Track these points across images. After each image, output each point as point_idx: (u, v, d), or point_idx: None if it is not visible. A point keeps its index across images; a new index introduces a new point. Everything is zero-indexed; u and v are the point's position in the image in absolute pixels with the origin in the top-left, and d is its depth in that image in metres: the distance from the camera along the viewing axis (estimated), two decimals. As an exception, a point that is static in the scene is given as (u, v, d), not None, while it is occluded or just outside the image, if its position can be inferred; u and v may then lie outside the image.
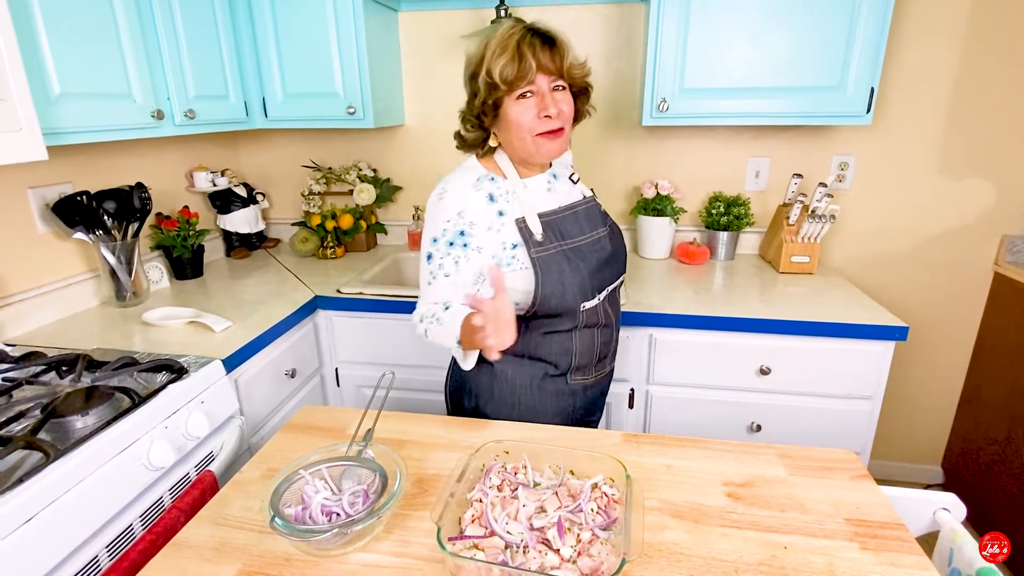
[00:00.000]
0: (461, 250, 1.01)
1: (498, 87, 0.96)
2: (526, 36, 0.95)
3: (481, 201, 1.02)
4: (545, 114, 0.97)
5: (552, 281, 1.01)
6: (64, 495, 0.86)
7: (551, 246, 1.03)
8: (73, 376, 1.11)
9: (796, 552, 0.73)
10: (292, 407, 1.56)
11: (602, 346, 1.13)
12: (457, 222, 1.01)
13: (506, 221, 1.02)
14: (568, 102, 1.00)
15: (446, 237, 1.01)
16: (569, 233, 1.06)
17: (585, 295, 1.04)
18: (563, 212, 1.07)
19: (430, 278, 1.03)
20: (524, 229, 1.02)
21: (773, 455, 0.94)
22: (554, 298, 1.02)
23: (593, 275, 1.05)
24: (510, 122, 0.99)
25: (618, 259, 1.12)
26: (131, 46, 1.33)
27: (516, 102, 0.97)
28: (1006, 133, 1.79)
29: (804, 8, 1.51)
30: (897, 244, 1.95)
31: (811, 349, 1.46)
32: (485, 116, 1.01)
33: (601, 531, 0.72)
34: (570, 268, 1.02)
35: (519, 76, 0.94)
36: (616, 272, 1.12)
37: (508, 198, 1.04)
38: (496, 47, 0.95)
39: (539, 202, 1.06)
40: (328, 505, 0.76)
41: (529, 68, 0.94)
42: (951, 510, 0.87)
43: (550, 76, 0.97)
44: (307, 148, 2.20)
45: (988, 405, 1.92)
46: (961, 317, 1.98)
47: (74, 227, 1.45)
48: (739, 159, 1.96)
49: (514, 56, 0.93)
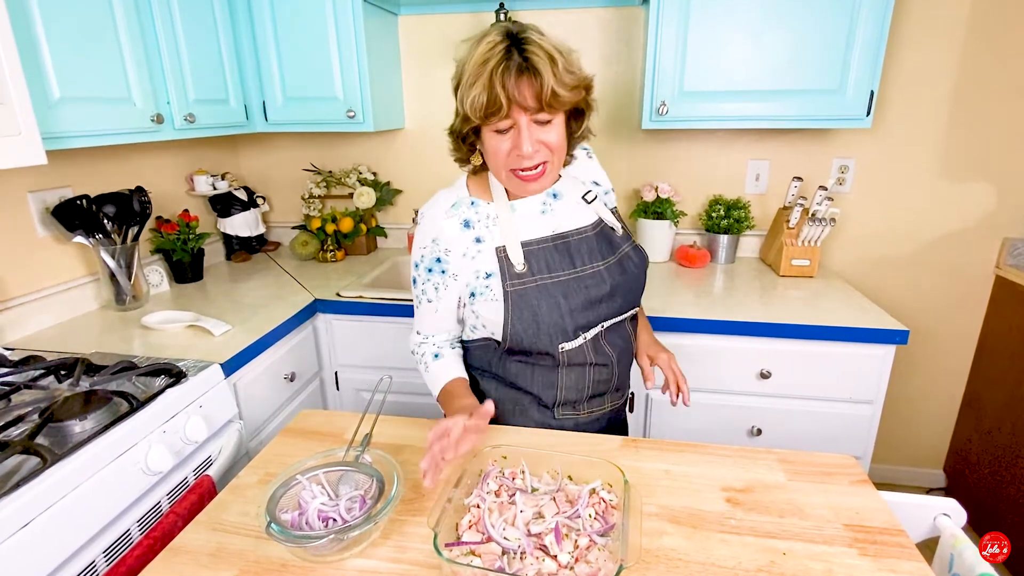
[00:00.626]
0: (440, 276, 0.99)
1: (470, 119, 0.87)
2: (502, 62, 0.82)
3: (455, 228, 0.97)
4: (518, 153, 0.87)
5: (524, 319, 0.94)
6: (61, 500, 0.85)
7: (530, 280, 0.94)
8: (72, 380, 1.11)
9: (795, 558, 0.73)
10: (291, 411, 1.56)
11: (597, 384, 1.03)
12: (433, 249, 0.98)
13: (484, 248, 0.96)
14: (555, 132, 0.88)
15: (424, 263, 1.00)
16: (556, 265, 0.96)
17: (564, 335, 0.95)
18: (554, 241, 0.97)
19: (416, 303, 1.06)
20: (503, 259, 0.95)
21: (772, 460, 0.93)
22: (526, 338, 0.95)
23: (576, 313, 0.95)
24: (487, 152, 0.91)
25: (620, 294, 0.99)
26: (131, 50, 1.33)
27: (492, 135, 0.88)
28: (1007, 135, 1.78)
29: (803, 11, 1.51)
30: (898, 247, 1.95)
31: (811, 353, 1.46)
32: (466, 138, 0.93)
33: (599, 537, 0.72)
34: (547, 305, 0.94)
35: (489, 112, 0.84)
36: (616, 308, 1.00)
37: (488, 223, 0.97)
38: (470, 73, 0.84)
39: (527, 228, 0.97)
40: (325, 511, 0.76)
41: (499, 105, 0.82)
42: (951, 515, 0.86)
43: (529, 111, 0.85)
44: (307, 151, 2.20)
45: (990, 408, 1.91)
46: (962, 320, 1.98)
47: (74, 231, 1.46)
48: (739, 162, 1.95)
49: (485, 88, 0.82)
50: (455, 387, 1.01)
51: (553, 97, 0.83)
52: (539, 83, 0.82)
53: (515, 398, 1.05)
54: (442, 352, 1.05)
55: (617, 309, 1.00)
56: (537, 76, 0.82)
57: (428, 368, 1.05)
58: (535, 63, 0.82)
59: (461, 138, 0.93)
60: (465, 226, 0.97)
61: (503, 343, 0.99)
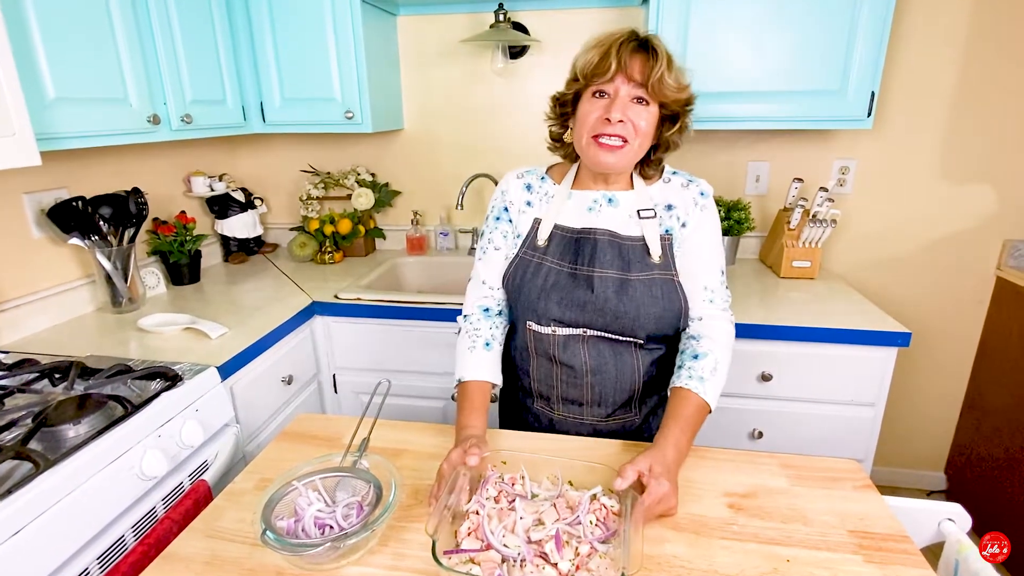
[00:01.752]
0: (507, 224, 1.07)
1: (577, 79, 0.93)
2: (624, 38, 0.89)
3: (519, 186, 1.07)
4: (607, 117, 0.90)
5: (515, 280, 1.03)
6: (54, 506, 0.84)
7: (539, 255, 1.02)
8: (66, 384, 1.09)
9: (799, 565, 0.72)
10: (289, 414, 1.55)
11: (566, 386, 1.04)
12: (501, 200, 1.08)
13: (528, 213, 1.05)
14: (646, 118, 0.91)
15: (493, 213, 1.09)
16: (562, 254, 1.01)
17: (534, 316, 1.01)
18: (577, 234, 1.00)
19: (481, 253, 1.09)
20: (534, 230, 1.03)
21: (775, 464, 0.92)
22: (511, 294, 1.05)
23: (551, 303, 0.98)
24: (578, 118, 0.95)
25: (611, 311, 0.96)
26: (127, 50, 1.32)
27: (589, 99, 0.93)
28: (1008, 137, 1.78)
29: (804, 12, 1.50)
30: (899, 249, 1.94)
31: (813, 355, 1.45)
32: (564, 108, 0.99)
33: (600, 544, 0.71)
34: (534, 281, 1.00)
35: (596, 72, 0.89)
36: (602, 324, 0.97)
37: (544, 198, 1.05)
38: (593, 41, 0.92)
39: (568, 216, 1.02)
40: (321, 517, 0.75)
41: (608, 66, 0.88)
42: (956, 520, 0.85)
43: (632, 83, 0.89)
44: (305, 152, 2.19)
45: (991, 410, 1.90)
46: (963, 322, 1.97)
47: (69, 232, 1.44)
48: (739, 163, 1.95)
49: (601, 51, 0.89)
50: (476, 394, 0.99)
51: (659, 81, 0.88)
52: (652, 63, 0.88)
53: (509, 371, 1.11)
54: (493, 344, 1.05)
55: (603, 325, 0.98)
56: (652, 56, 0.88)
57: (474, 349, 1.03)
58: (655, 45, 0.89)
59: (561, 103, 0.99)
60: (527, 189, 1.06)
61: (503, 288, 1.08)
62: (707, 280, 0.99)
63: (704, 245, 0.99)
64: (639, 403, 1.06)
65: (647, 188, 1.00)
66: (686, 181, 1.01)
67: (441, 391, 1.69)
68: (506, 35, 1.80)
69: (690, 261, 0.99)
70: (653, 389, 1.06)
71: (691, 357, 0.96)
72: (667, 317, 0.98)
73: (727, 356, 0.98)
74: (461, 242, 2.21)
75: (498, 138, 2.05)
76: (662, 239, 0.99)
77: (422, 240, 2.14)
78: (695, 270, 0.99)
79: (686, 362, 0.96)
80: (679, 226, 0.99)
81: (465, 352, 1.03)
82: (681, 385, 0.93)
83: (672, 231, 0.99)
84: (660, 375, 1.05)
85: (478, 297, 1.09)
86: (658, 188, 1.01)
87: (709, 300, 0.99)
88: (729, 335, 1.00)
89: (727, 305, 1.02)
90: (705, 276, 0.99)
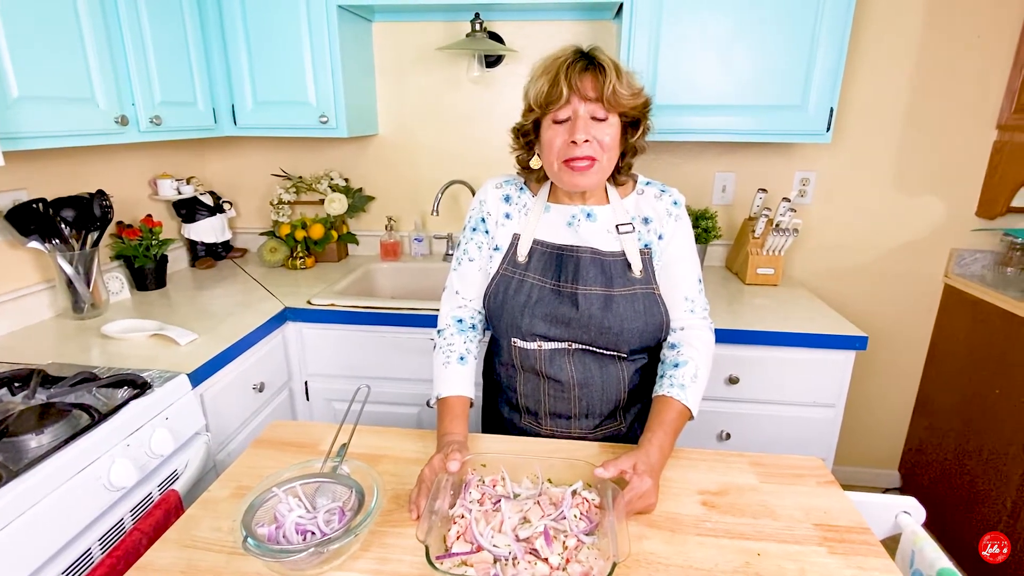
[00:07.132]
0: (483, 236, 1.07)
1: (533, 109, 0.94)
2: (569, 60, 0.90)
3: (497, 197, 1.07)
4: (572, 140, 0.91)
5: (498, 298, 1.03)
6: (16, 519, 0.81)
7: (520, 271, 1.02)
8: (27, 393, 1.05)
9: (769, 559, 0.75)
10: (260, 422, 1.52)
11: (554, 401, 1.05)
12: (479, 209, 1.08)
13: (507, 226, 1.05)
14: (609, 132, 0.92)
15: (471, 223, 1.08)
16: (544, 270, 1.01)
17: (518, 333, 1.02)
18: (559, 250, 1.01)
19: (456, 264, 1.10)
20: (513, 245, 1.04)
21: (744, 463, 0.96)
22: (492, 314, 1.05)
23: (536, 320, 0.99)
24: (543, 146, 0.95)
25: (595, 327, 0.97)
26: (95, 48, 1.29)
27: (550, 126, 0.93)
28: (953, 153, 1.89)
29: (769, 31, 1.57)
30: (855, 257, 2.04)
31: (777, 359, 1.51)
32: (527, 136, 0.99)
33: (586, 536, 0.73)
34: (516, 298, 1.01)
35: (550, 100, 0.90)
36: (588, 338, 0.99)
37: (522, 210, 1.05)
38: (540, 69, 0.93)
39: (546, 230, 1.03)
40: (303, 523, 0.74)
41: (560, 92, 0.89)
42: (912, 513, 0.90)
43: (588, 102, 0.90)
44: (277, 157, 2.16)
45: (940, 411, 2.01)
46: (915, 327, 2.08)
47: (29, 236, 1.39)
48: (707, 173, 2.01)
49: (550, 78, 0.90)
50: (456, 404, 0.99)
51: (613, 94, 0.89)
52: (602, 79, 0.89)
53: (493, 389, 1.14)
54: (468, 358, 1.04)
55: (589, 340, 1.00)
56: (601, 73, 0.89)
57: (448, 364, 1.03)
58: (601, 60, 0.90)
59: (522, 133, 1.00)
60: (505, 200, 1.06)
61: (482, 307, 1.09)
62: (687, 290, 1.02)
63: (681, 256, 1.02)
64: (624, 412, 1.09)
65: (622, 201, 1.02)
66: (659, 191, 1.03)
67: (415, 397, 1.69)
68: (482, 44, 1.83)
69: (669, 273, 1.02)
70: (637, 397, 1.08)
71: (672, 366, 0.99)
72: (649, 331, 1.00)
73: (707, 363, 1.01)
74: (436, 248, 2.21)
75: (473, 145, 2.07)
76: (641, 253, 1.01)
77: (396, 246, 2.14)
78: (674, 281, 1.02)
79: (667, 371, 0.99)
80: (656, 239, 1.02)
81: (440, 368, 1.04)
82: (663, 393, 0.96)
83: (651, 245, 1.01)
84: (644, 383, 1.08)
85: (452, 307, 1.10)
86: (633, 201, 1.03)
87: (690, 310, 1.03)
88: (709, 343, 1.03)
89: (706, 313, 1.05)
90: (685, 286, 1.02)
